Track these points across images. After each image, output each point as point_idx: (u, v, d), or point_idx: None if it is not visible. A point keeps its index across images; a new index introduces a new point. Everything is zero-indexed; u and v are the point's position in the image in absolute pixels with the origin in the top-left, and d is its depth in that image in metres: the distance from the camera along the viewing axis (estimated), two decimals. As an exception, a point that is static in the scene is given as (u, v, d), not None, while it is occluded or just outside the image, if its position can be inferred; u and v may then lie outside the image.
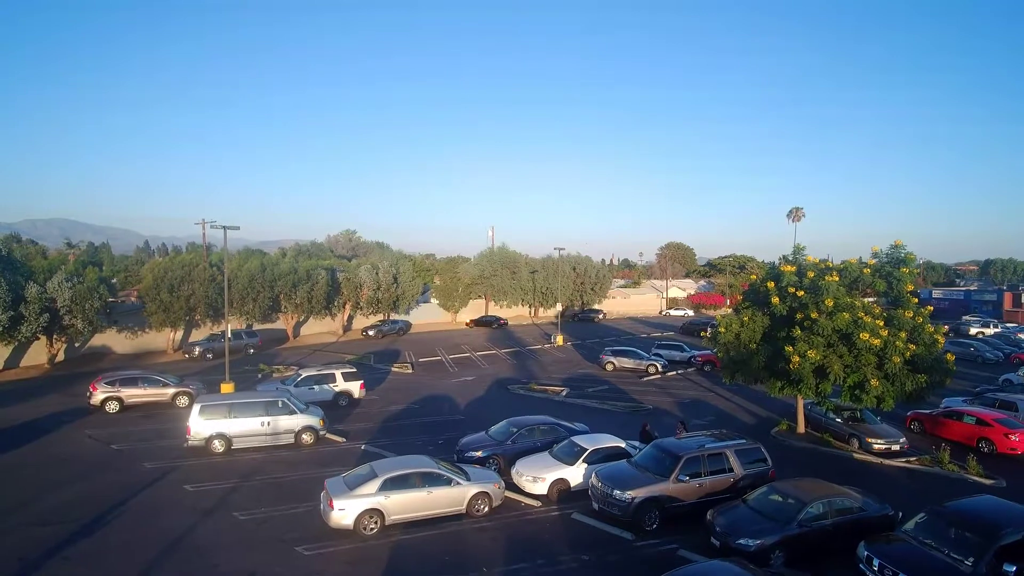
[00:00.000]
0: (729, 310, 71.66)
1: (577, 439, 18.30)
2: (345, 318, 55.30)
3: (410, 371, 37.50)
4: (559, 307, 55.17)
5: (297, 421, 21.62)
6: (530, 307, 73.35)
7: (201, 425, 20.40)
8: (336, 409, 26.47)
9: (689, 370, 38.57)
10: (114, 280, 60.53)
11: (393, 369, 37.68)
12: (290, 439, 21.42)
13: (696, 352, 40.35)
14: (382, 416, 26.17)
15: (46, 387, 31.44)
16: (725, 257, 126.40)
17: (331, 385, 27.65)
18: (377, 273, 53.09)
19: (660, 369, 37.18)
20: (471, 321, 64.17)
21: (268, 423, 21.20)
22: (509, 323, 64.83)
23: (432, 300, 66.91)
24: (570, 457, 17.42)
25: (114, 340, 41.88)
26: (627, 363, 37.87)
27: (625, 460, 17.08)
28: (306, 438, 21.65)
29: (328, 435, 22.53)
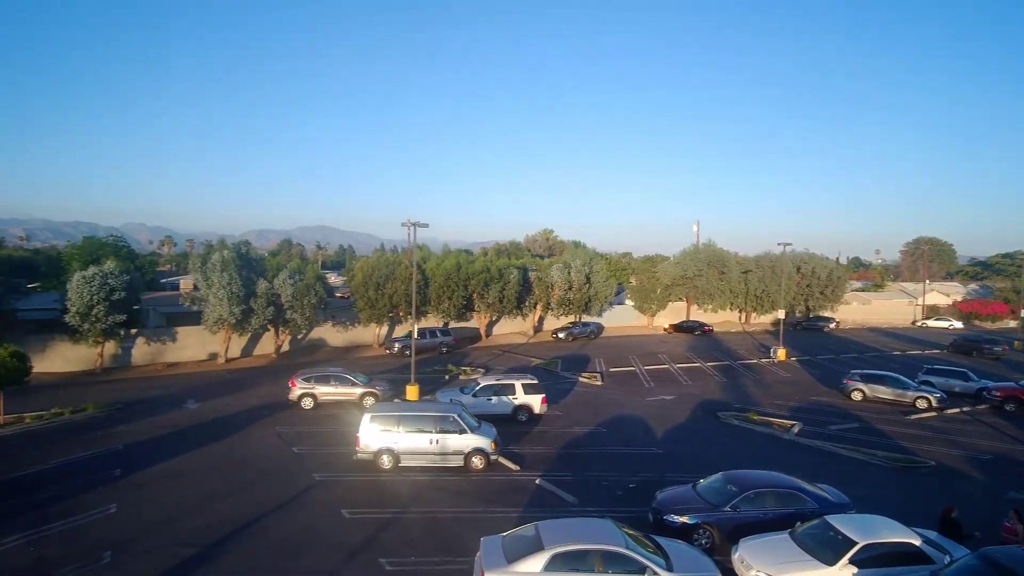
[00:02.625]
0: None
1: (836, 521, 12.38)
2: (536, 319, 53.41)
3: (599, 383, 33.44)
4: (781, 313, 46.26)
5: (467, 442, 18.99)
6: (740, 312, 64.18)
7: (370, 437, 18.83)
8: (513, 425, 23.61)
9: (979, 407, 28.24)
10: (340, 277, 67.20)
11: (580, 379, 33.98)
12: (459, 461, 18.87)
13: (991, 383, 29.55)
14: (563, 439, 22.54)
15: (266, 375, 34.16)
16: (1004, 255, 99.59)
17: (510, 397, 24.88)
18: (569, 272, 50.07)
19: (935, 404, 27.67)
20: (670, 326, 57.86)
21: (437, 441, 18.91)
22: (714, 330, 57.06)
23: (627, 301, 62.01)
24: (827, 550, 11.67)
25: (329, 333, 45.16)
26: (884, 392, 28.93)
27: (925, 570, 10.86)
28: (476, 462, 18.91)
29: (500, 459, 19.56)
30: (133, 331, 37.75)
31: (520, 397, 24.80)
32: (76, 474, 17.79)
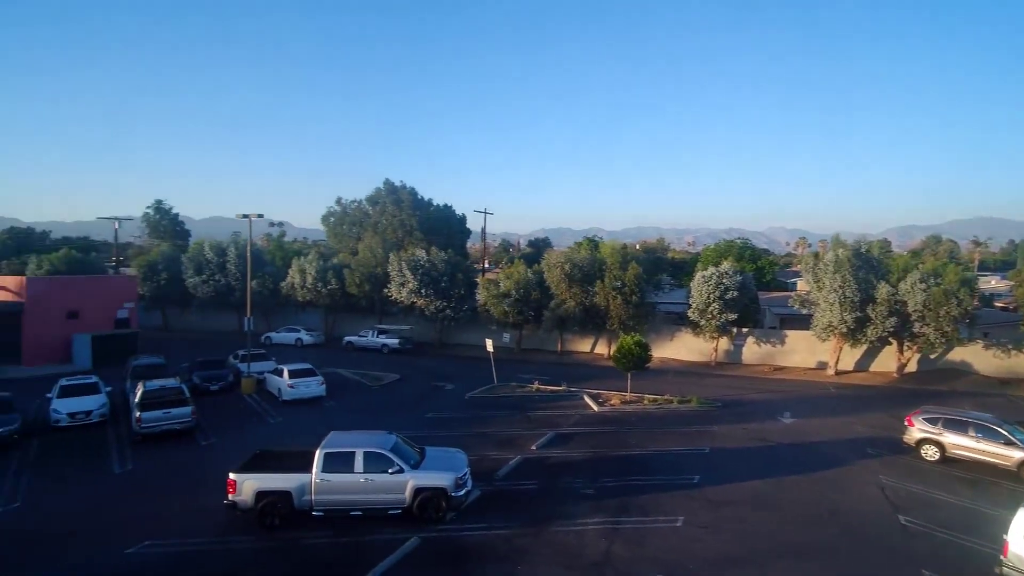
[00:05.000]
0: None
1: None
2: None
3: None
4: None
5: None
6: None
7: (1032, 547, 11.53)
8: None
9: None
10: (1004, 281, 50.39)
11: None
12: None
13: None
14: None
15: (880, 400, 28.23)
16: None
17: None
18: None
19: None
20: None
21: None
22: None
23: None
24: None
25: (977, 357, 33.77)
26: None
27: None
28: None
29: None
30: (745, 330, 38.78)
31: None
32: (663, 469, 18.48)
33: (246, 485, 14.11)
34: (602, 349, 40.79)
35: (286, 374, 26.74)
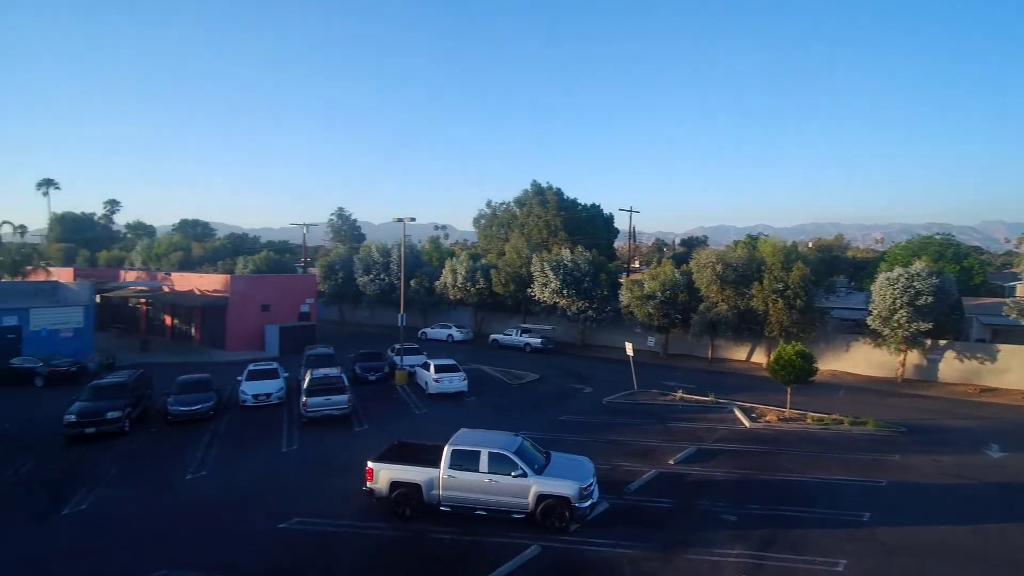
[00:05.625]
0: None
1: None
2: None
3: None
4: None
5: None
6: None
7: None
8: None
9: None
10: None
11: None
12: None
13: None
14: None
15: None
16: None
17: None
18: None
19: None
20: None
21: None
22: None
23: None
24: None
25: None
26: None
27: None
28: None
29: None
30: (943, 342, 32.78)
31: None
32: (824, 501, 16.07)
33: (382, 474, 14.91)
34: (760, 358, 37.20)
35: (432, 368, 28.14)
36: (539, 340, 41.06)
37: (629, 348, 29.40)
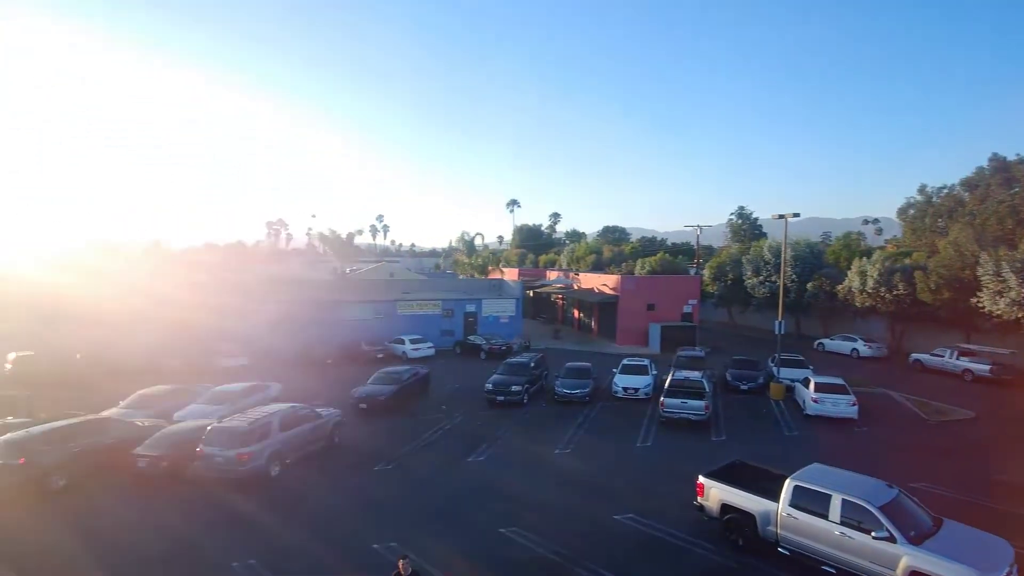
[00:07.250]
0: None
1: None
2: None
3: None
4: None
5: None
6: None
7: None
8: None
9: None
10: None
11: None
12: None
13: None
14: None
15: None
16: None
17: None
18: None
19: None
20: None
21: None
22: None
23: None
24: None
25: None
26: None
27: None
28: None
29: None
30: None
31: None
32: None
33: (712, 493, 14.07)
34: None
35: (812, 386, 24.62)
36: (986, 367, 30.81)
37: None
